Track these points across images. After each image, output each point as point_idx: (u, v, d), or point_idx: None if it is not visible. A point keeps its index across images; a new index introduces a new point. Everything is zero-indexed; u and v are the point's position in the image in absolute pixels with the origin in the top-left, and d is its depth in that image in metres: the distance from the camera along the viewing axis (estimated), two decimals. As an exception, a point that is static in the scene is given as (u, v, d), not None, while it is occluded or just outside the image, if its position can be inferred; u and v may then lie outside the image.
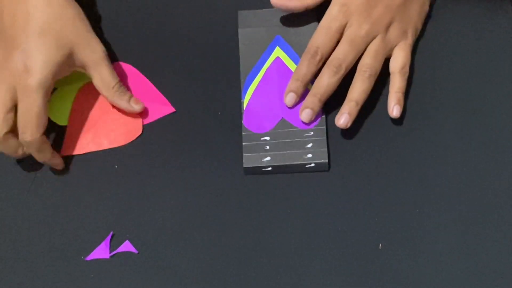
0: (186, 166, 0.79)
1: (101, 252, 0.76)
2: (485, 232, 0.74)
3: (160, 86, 0.83)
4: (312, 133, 0.79)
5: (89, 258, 0.76)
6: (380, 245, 0.74)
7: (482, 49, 0.83)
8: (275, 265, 0.74)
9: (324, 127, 0.79)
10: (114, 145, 0.81)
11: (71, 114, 0.82)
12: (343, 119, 0.78)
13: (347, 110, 0.78)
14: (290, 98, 0.80)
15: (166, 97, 0.83)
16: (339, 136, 0.80)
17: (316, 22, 0.83)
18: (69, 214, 0.78)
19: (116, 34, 0.86)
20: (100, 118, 0.82)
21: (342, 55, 0.78)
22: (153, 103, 0.83)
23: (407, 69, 0.80)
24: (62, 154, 0.80)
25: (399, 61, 0.80)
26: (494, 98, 0.80)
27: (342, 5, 0.79)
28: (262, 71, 0.82)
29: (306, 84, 0.80)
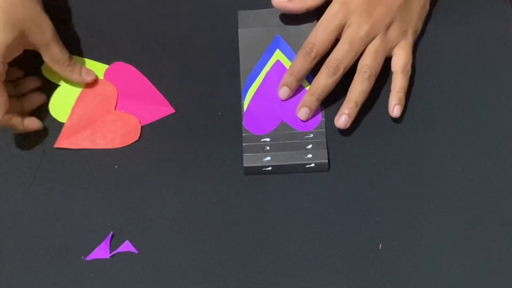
0: (186, 166, 0.79)
1: (101, 252, 0.76)
2: (485, 232, 0.74)
3: (160, 87, 0.83)
4: (312, 135, 0.79)
5: (89, 258, 0.75)
6: (380, 245, 0.74)
7: (482, 49, 0.83)
8: (275, 265, 0.74)
9: (323, 130, 0.79)
10: (110, 146, 0.80)
11: (72, 109, 0.82)
12: (342, 120, 0.78)
13: (347, 111, 0.78)
14: (283, 92, 0.81)
15: (166, 97, 0.83)
16: (339, 136, 0.80)
17: (316, 22, 0.83)
18: (69, 214, 0.77)
19: (116, 34, 0.86)
20: (100, 117, 0.82)
21: (340, 56, 0.78)
22: (153, 104, 0.83)
23: (409, 68, 0.80)
24: (56, 146, 0.81)
25: (401, 60, 0.80)
26: (494, 98, 0.80)
27: (343, 3, 0.79)
28: (262, 74, 0.82)
29: (300, 79, 0.80)
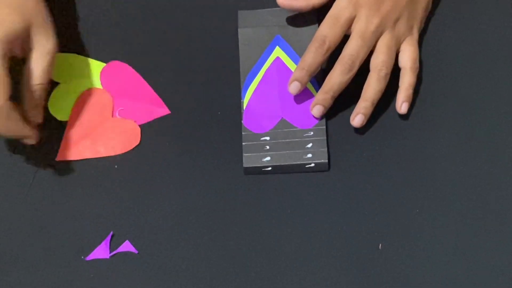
0: (186, 166, 0.79)
1: (101, 252, 0.76)
2: (485, 232, 0.74)
3: (160, 86, 0.83)
4: (312, 133, 0.79)
5: (89, 258, 0.75)
6: (380, 245, 0.74)
7: (484, 48, 0.83)
8: (275, 265, 0.74)
9: (324, 127, 0.79)
10: (111, 153, 0.80)
11: (70, 119, 0.82)
12: (358, 119, 0.78)
13: (363, 110, 0.77)
14: (294, 87, 0.79)
15: (166, 96, 0.83)
16: (339, 136, 0.79)
17: (316, 22, 0.83)
18: (69, 214, 0.77)
19: (115, 33, 0.86)
20: (99, 125, 0.81)
21: (355, 51, 0.77)
22: (148, 105, 0.82)
23: (418, 64, 0.80)
24: (58, 159, 0.80)
25: (410, 56, 0.79)
26: (494, 98, 0.80)
27: None
28: (262, 71, 0.82)
29: (312, 74, 0.78)
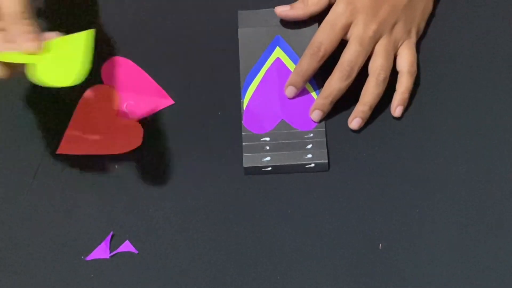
0: (186, 166, 0.79)
1: (101, 252, 0.76)
2: (485, 232, 0.74)
3: (160, 86, 0.83)
4: (311, 134, 0.79)
5: (89, 258, 0.75)
6: (380, 245, 0.74)
7: (483, 49, 0.83)
8: (275, 265, 0.74)
9: (323, 129, 0.79)
10: (112, 152, 0.80)
11: (75, 114, 0.81)
12: (356, 122, 0.78)
13: (360, 114, 0.78)
14: (289, 91, 0.80)
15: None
16: (339, 136, 0.79)
17: (316, 22, 0.83)
18: (69, 214, 0.77)
19: (116, 34, 0.86)
20: (103, 124, 0.81)
21: (353, 57, 0.77)
22: (152, 96, 0.82)
23: (416, 68, 0.80)
24: (58, 152, 0.80)
25: (407, 60, 0.79)
26: (494, 98, 0.80)
27: (348, 3, 0.78)
28: (262, 72, 0.82)
29: (306, 80, 0.79)
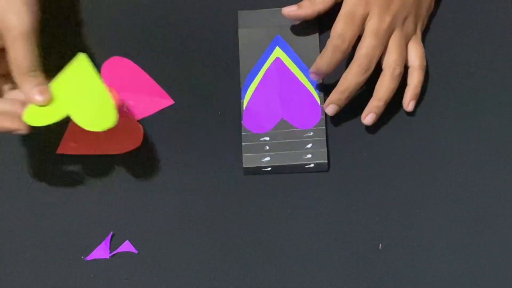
0: (186, 166, 0.79)
1: (101, 252, 0.76)
2: (485, 232, 0.74)
3: (160, 86, 0.83)
4: (311, 133, 0.79)
5: (89, 258, 0.75)
6: (380, 245, 0.74)
7: (483, 49, 0.83)
8: (275, 265, 0.74)
9: (323, 127, 0.79)
10: (111, 152, 0.80)
11: None
12: (370, 118, 0.78)
13: (375, 109, 0.77)
14: (314, 76, 0.79)
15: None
16: (339, 136, 0.79)
17: (316, 22, 0.83)
18: (69, 214, 0.77)
19: (116, 34, 0.86)
20: None
21: (371, 50, 0.76)
22: (151, 96, 0.82)
23: (425, 62, 0.80)
24: (58, 152, 0.80)
25: (417, 54, 0.79)
26: (494, 98, 0.80)
27: None
28: (262, 71, 0.82)
29: (330, 72, 0.78)
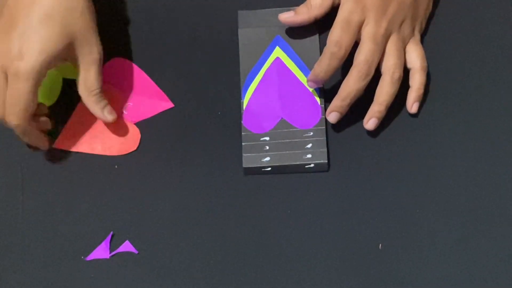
0: (186, 166, 0.79)
1: (101, 252, 0.76)
2: (485, 232, 0.74)
3: (160, 86, 0.83)
4: (311, 133, 0.79)
5: (89, 258, 0.75)
6: (380, 245, 0.74)
7: (483, 49, 0.83)
8: (275, 265, 0.74)
9: (323, 127, 0.79)
10: (107, 153, 0.80)
11: (75, 110, 0.81)
12: (372, 123, 0.78)
13: (377, 114, 0.77)
14: (311, 84, 0.79)
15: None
16: (339, 136, 0.80)
17: (316, 22, 0.83)
18: (69, 214, 0.77)
19: (116, 35, 0.86)
20: (100, 123, 0.81)
21: (370, 56, 0.76)
22: (151, 99, 0.82)
23: (426, 63, 0.80)
24: (55, 146, 0.80)
25: (418, 56, 0.79)
26: (494, 99, 0.80)
27: (357, 1, 0.77)
28: (262, 71, 0.82)
29: (327, 80, 0.78)
